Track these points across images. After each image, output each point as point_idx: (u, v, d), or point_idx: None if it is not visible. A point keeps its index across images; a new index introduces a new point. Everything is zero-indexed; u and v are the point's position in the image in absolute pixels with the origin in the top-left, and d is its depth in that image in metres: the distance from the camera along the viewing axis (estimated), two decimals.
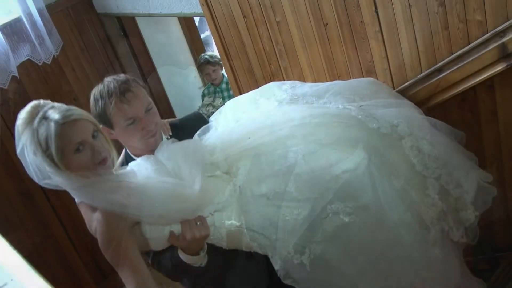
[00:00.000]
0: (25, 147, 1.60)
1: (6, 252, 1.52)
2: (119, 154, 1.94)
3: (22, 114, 1.63)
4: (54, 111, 1.61)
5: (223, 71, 4.28)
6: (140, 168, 1.74)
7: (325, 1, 2.28)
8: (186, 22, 4.49)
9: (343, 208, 1.66)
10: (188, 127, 2.00)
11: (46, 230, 3.94)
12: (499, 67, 1.87)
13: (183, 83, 4.73)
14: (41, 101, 1.66)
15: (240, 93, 2.96)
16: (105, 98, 1.83)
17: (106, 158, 1.67)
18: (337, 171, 1.69)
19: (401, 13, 2.06)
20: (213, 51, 5.73)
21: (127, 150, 1.97)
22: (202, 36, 5.26)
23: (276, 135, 1.79)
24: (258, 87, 2.15)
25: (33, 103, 1.65)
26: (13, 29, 3.49)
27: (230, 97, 4.03)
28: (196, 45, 4.65)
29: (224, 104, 2.15)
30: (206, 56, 4.19)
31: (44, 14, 3.54)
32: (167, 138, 2.03)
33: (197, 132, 1.97)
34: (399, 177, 1.74)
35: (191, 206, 1.69)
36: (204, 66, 4.22)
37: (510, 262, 2.40)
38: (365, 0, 2.13)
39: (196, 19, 5.05)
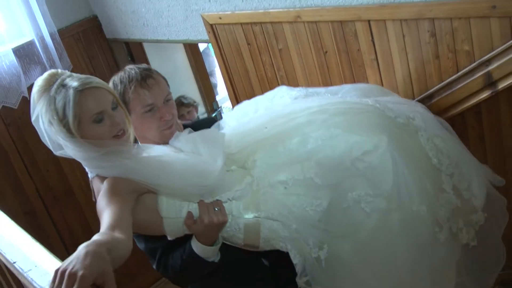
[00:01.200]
0: (40, 115, 1.55)
1: (28, 243, 1.62)
2: None
3: (39, 82, 1.56)
4: (73, 79, 1.54)
5: (198, 113, 4.38)
6: (155, 151, 1.69)
7: (325, 30, 2.42)
8: (192, 50, 4.64)
9: (364, 196, 1.61)
10: (201, 129, 1.87)
11: (47, 247, 4.00)
12: (484, 94, 1.99)
13: None
14: (59, 70, 1.59)
15: None
16: (125, 83, 1.77)
17: (124, 131, 1.60)
18: (357, 153, 1.64)
19: (395, 42, 2.19)
20: (216, 79, 5.90)
21: (139, 144, 1.86)
22: None
23: (294, 122, 1.73)
24: None
25: (51, 71, 1.58)
26: (26, 52, 3.60)
27: None
28: (200, 73, 4.79)
29: None
30: (180, 98, 4.27)
31: (55, 38, 3.64)
32: None
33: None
34: (417, 166, 1.69)
35: (211, 184, 1.62)
36: (178, 107, 4.28)
37: (501, 282, 2.45)
38: (362, 30, 2.28)
39: (201, 48, 5.21)
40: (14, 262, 1.55)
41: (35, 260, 1.52)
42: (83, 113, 1.52)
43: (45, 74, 1.56)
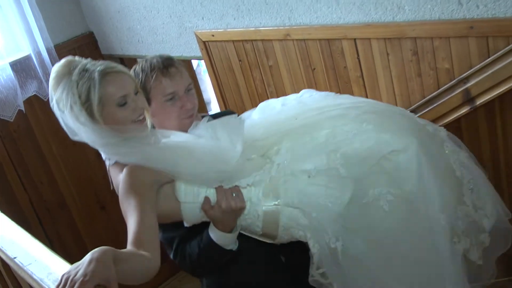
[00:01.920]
0: (61, 101, 1.54)
1: (28, 240, 1.69)
2: None
3: (57, 68, 1.56)
4: (94, 64, 1.56)
5: None
6: (174, 137, 1.67)
7: (313, 48, 2.51)
8: (185, 67, 4.72)
9: (385, 194, 1.58)
10: None
11: None
12: (464, 110, 2.07)
13: None
14: (76, 57, 1.61)
15: None
16: (146, 72, 1.76)
17: (145, 117, 1.62)
18: (386, 150, 1.61)
19: (380, 60, 2.28)
20: (209, 97, 5.97)
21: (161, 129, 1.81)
22: None
23: (325, 115, 1.70)
24: None
25: (68, 57, 1.59)
26: (23, 66, 3.66)
27: None
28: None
29: None
30: None
31: (52, 53, 3.70)
32: None
33: None
34: (441, 175, 1.66)
35: (231, 169, 1.60)
36: None
37: None
38: (349, 48, 2.37)
39: (194, 64, 5.29)
40: (15, 258, 1.62)
41: (34, 255, 1.61)
42: (108, 96, 1.53)
43: (63, 61, 1.58)
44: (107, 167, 1.67)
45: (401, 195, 1.59)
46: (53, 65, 3.68)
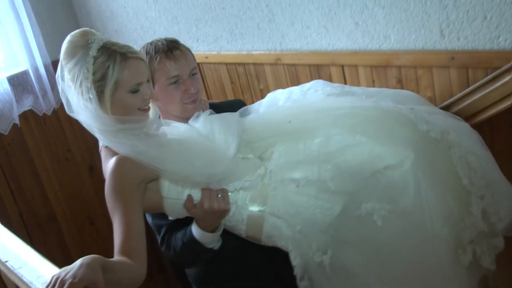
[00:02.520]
0: (71, 73, 1.51)
1: (19, 245, 1.74)
2: None
3: (73, 37, 1.52)
4: (114, 44, 1.54)
5: None
6: (172, 130, 1.65)
7: (302, 73, 2.59)
8: None
9: (378, 209, 1.54)
10: (227, 110, 1.80)
11: None
12: None
13: None
14: (92, 30, 1.56)
15: None
16: (150, 54, 1.75)
17: (149, 107, 1.62)
18: (379, 165, 1.56)
19: (366, 86, 2.34)
20: None
21: (161, 119, 1.81)
22: None
23: (320, 121, 1.65)
24: None
25: (85, 28, 1.55)
26: (20, 81, 3.70)
27: None
28: None
29: None
30: None
31: (49, 69, 3.75)
32: None
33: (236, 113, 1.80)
34: (443, 186, 1.59)
35: (220, 173, 1.57)
36: None
37: None
38: (337, 74, 2.44)
39: None
40: (6, 261, 1.67)
41: (25, 259, 1.66)
42: (124, 81, 1.52)
43: (80, 31, 1.54)
44: (100, 147, 1.65)
45: (396, 211, 1.55)
46: (50, 81, 3.78)
